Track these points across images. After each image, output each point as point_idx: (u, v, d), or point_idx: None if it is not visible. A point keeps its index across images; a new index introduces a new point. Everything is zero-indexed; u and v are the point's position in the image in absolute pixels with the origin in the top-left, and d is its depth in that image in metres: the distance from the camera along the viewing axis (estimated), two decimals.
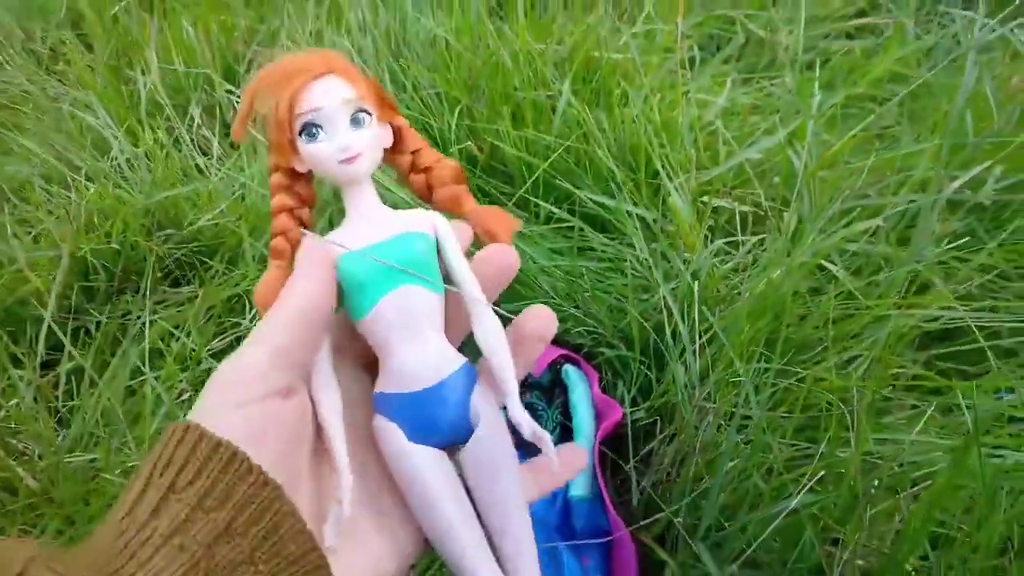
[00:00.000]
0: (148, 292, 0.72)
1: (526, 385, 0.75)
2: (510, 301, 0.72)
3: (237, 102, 0.99)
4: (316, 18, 1.08)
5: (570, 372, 0.73)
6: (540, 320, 0.35)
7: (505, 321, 0.35)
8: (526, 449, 0.36)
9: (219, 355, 0.69)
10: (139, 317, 0.71)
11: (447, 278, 0.36)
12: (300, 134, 0.34)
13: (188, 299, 0.77)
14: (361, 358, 0.38)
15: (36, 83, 1.02)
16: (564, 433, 0.73)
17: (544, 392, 0.75)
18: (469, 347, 0.36)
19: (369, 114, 0.35)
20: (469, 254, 0.36)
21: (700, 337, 0.61)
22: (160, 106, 0.93)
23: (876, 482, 0.49)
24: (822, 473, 0.48)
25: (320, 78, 0.34)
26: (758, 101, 0.96)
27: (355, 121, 0.34)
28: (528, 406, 0.74)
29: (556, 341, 0.77)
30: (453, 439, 0.34)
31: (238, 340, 0.71)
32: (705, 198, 0.78)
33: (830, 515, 0.50)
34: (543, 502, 0.68)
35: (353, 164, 0.34)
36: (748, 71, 1.04)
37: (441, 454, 0.34)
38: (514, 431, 0.36)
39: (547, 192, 0.85)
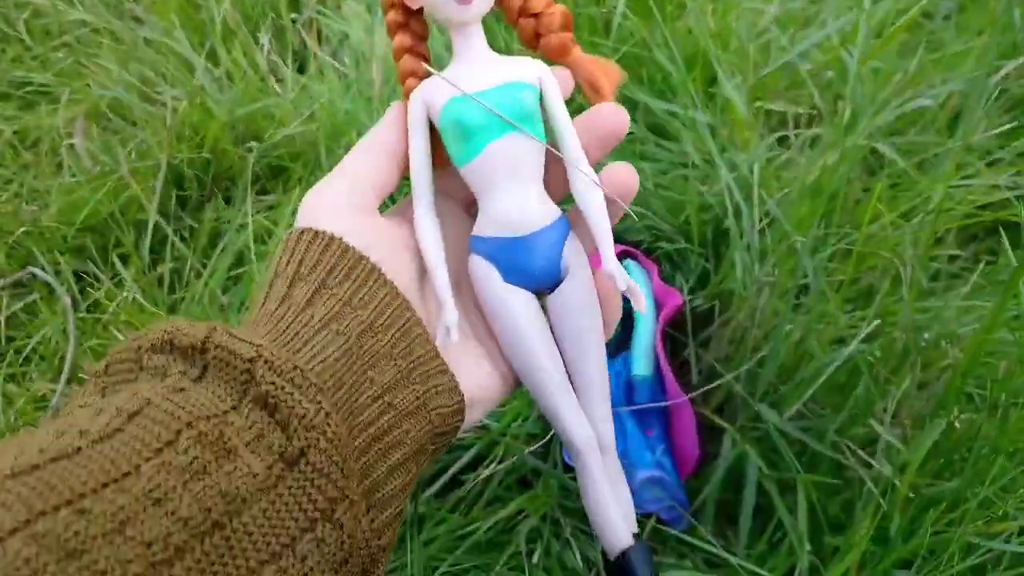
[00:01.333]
0: (248, 190, 0.78)
1: None
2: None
3: (302, 28, 1.04)
4: None
5: (630, 265, 0.78)
6: (611, 116, 0.36)
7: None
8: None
9: None
10: (238, 217, 0.77)
11: (548, 130, 0.37)
12: None
13: (271, 206, 0.83)
14: (463, 201, 0.41)
15: (111, 15, 1.08)
16: (626, 320, 0.78)
17: None
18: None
19: None
20: (574, 109, 0.37)
21: (760, 221, 0.66)
22: (233, 32, 0.99)
23: (926, 335, 0.54)
24: (876, 322, 0.53)
25: None
26: (808, 14, 0.99)
27: None
28: None
29: (616, 238, 0.81)
30: (543, 285, 0.37)
31: None
32: (759, 102, 0.82)
33: (883, 366, 0.54)
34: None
35: (469, 4, 0.34)
36: None
37: (531, 296, 0.37)
38: None
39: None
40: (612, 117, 0.36)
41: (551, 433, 0.65)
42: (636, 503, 0.64)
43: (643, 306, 0.37)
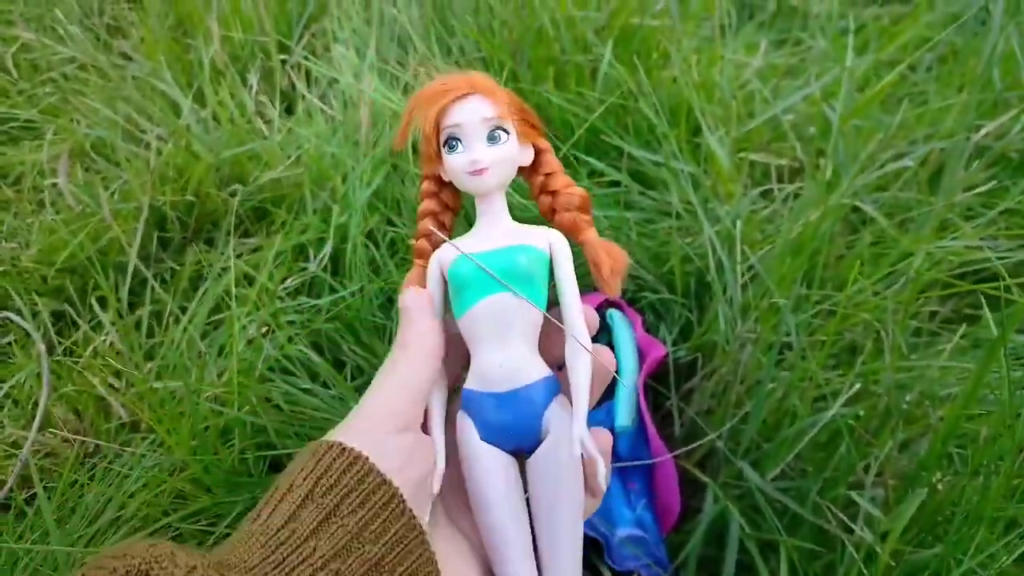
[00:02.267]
0: (231, 233, 0.77)
1: None
2: None
3: (291, 69, 1.04)
4: None
5: (614, 315, 0.78)
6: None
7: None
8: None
9: (292, 294, 0.75)
10: (219, 260, 0.77)
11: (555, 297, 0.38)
12: (444, 145, 0.38)
13: (255, 249, 0.83)
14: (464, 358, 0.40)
15: (98, 52, 1.08)
16: None
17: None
18: None
19: (507, 132, 0.38)
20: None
21: (742, 275, 0.66)
22: (221, 73, 0.99)
23: (907, 397, 0.54)
24: (857, 386, 0.53)
25: (464, 98, 0.38)
26: (791, 65, 1.00)
27: (492, 138, 0.38)
28: None
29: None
30: (522, 445, 0.37)
31: (308, 282, 0.76)
32: (743, 153, 0.82)
33: (865, 428, 0.54)
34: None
35: (480, 177, 0.38)
36: (780, 38, 1.08)
37: (509, 459, 0.37)
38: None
39: (589, 152, 0.89)
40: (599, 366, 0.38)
41: None
42: (615, 560, 0.63)
43: (602, 481, 0.36)
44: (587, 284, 0.40)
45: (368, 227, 0.80)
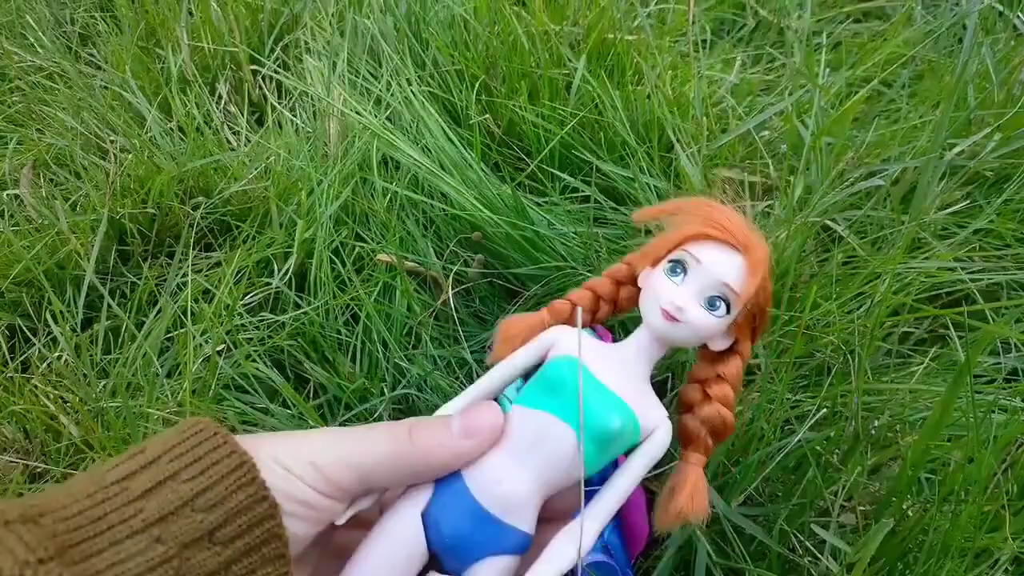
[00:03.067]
0: (191, 247, 0.75)
1: None
2: (530, 262, 0.75)
3: (262, 81, 1.03)
4: (337, 1, 1.12)
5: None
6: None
7: None
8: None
9: (253, 310, 0.73)
10: (176, 276, 0.75)
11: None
12: (669, 262, 0.34)
13: (217, 263, 0.81)
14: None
15: (68, 62, 1.06)
16: None
17: None
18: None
19: (727, 312, 0.33)
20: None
21: None
22: (189, 83, 0.97)
23: (876, 423, 0.52)
24: (824, 410, 0.51)
25: (729, 247, 0.33)
26: (767, 81, 1.00)
27: (712, 303, 0.33)
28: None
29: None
30: (446, 556, 0.32)
31: (270, 296, 0.74)
32: (715, 170, 0.81)
33: (832, 453, 0.53)
34: None
35: (666, 321, 0.33)
36: (757, 53, 1.07)
37: (423, 552, 0.32)
38: None
39: (562, 167, 0.88)
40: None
41: None
42: None
43: None
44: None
45: (335, 241, 0.78)
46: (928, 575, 0.44)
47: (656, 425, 0.33)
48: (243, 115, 0.95)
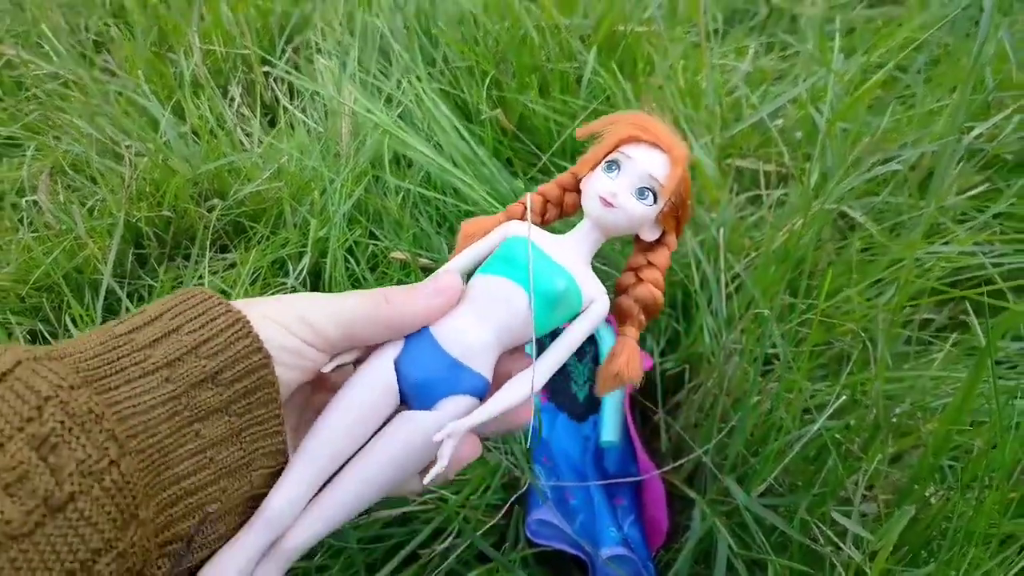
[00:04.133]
0: (207, 249, 0.76)
1: None
2: None
3: (274, 82, 1.03)
4: (347, 1, 1.12)
5: (600, 327, 0.76)
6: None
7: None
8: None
9: None
10: (193, 277, 0.75)
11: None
12: (605, 162, 0.39)
13: (232, 265, 0.81)
14: None
15: (83, 69, 1.07)
16: (594, 383, 0.75)
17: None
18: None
19: (655, 201, 0.38)
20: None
21: (727, 285, 0.64)
22: (202, 86, 0.98)
23: (897, 410, 0.51)
24: (844, 398, 0.51)
25: (657, 146, 0.38)
26: (780, 69, 0.98)
27: (641, 192, 0.38)
28: None
29: None
30: (411, 398, 0.37)
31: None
32: (729, 160, 0.80)
33: (852, 442, 0.52)
34: (577, 448, 0.71)
35: (604, 208, 0.38)
36: (770, 41, 1.06)
37: (394, 390, 0.36)
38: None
39: (573, 160, 0.87)
40: (518, 418, 0.40)
41: (511, 500, 0.62)
42: None
43: (426, 478, 0.36)
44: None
45: (348, 241, 0.78)
46: (952, 562, 0.44)
47: (595, 296, 0.39)
48: (255, 117, 0.95)
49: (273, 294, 0.74)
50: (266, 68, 1.04)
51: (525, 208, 0.41)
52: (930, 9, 1.07)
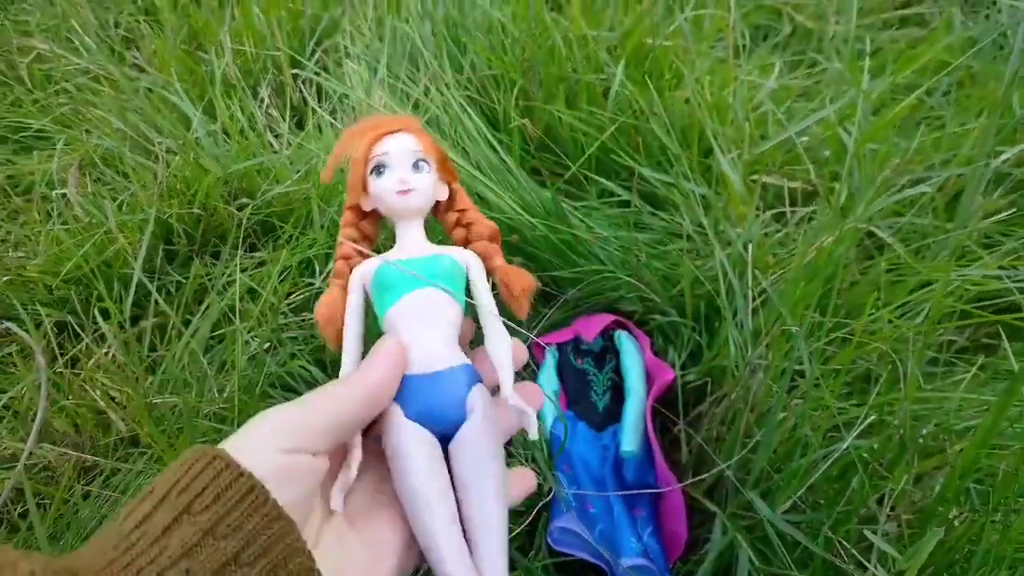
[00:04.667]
0: (239, 247, 0.77)
1: (578, 351, 0.78)
2: (568, 266, 0.76)
3: (303, 84, 1.04)
4: (376, 6, 1.13)
5: (622, 337, 0.76)
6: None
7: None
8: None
9: (296, 310, 0.74)
10: (222, 275, 0.76)
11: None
12: (371, 173, 0.42)
13: (260, 263, 0.82)
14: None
15: (112, 64, 1.08)
16: (616, 394, 0.76)
17: (595, 358, 0.79)
18: None
19: (428, 165, 0.43)
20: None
21: (754, 300, 0.64)
22: (233, 86, 0.99)
23: (924, 431, 0.52)
24: (872, 418, 0.51)
25: (394, 133, 0.42)
26: (806, 87, 0.99)
27: (416, 167, 0.42)
28: (580, 372, 0.78)
29: (609, 308, 0.80)
30: (446, 427, 0.38)
31: (312, 297, 0.75)
32: (755, 176, 0.81)
33: (879, 461, 0.52)
34: (596, 457, 0.72)
35: (407, 196, 0.41)
36: (795, 59, 1.07)
37: (433, 439, 0.38)
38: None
39: (599, 171, 0.88)
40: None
41: (536, 509, 0.63)
42: None
43: (534, 432, 0.40)
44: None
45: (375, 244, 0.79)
46: None
47: (463, 255, 0.43)
48: (284, 118, 0.96)
49: (300, 294, 0.75)
50: (295, 70, 1.05)
51: (355, 252, 0.43)
52: (954, 31, 1.07)
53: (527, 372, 0.78)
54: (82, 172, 0.94)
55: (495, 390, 0.41)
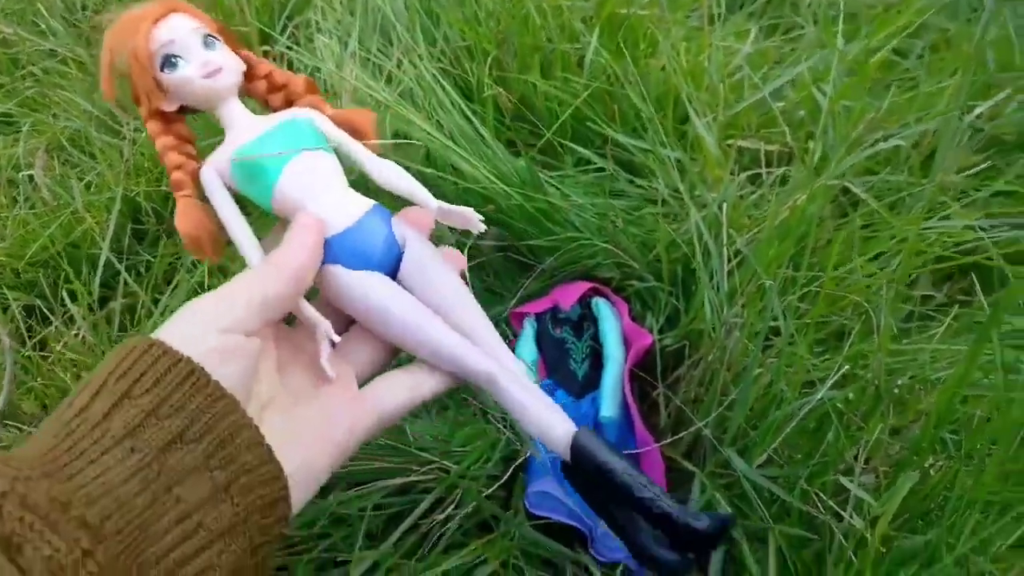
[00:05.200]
0: None
1: (556, 320, 0.78)
2: (544, 235, 0.75)
3: (275, 60, 1.03)
4: None
5: (600, 304, 0.76)
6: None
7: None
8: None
9: None
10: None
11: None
12: (162, 69, 0.39)
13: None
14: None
15: (79, 46, 1.06)
16: (595, 361, 0.75)
17: (573, 326, 0.78)
18: None
19: (217, 39, 0.40)
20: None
21: (729, 261, 0.64)
22: None
23: (899, 382, 0.52)
24: (846, 369, 0.51)
25: (165, 18, 0.39)
26: (783, 53, 0.98)
27: (208, 44, 0.39)
28: (558, 341, 0.77)
29: (586, 276, 0.80)
30: (390, 265, 0.39)
31: None
32: (731, 141, 0.80)
33: (854, 412, 0.52)
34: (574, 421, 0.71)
35: (217, 76, 0.39)
36: (771, 24, 1.06)
37: (383, 276, 0.38)
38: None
39: (575, 139, 0.87)
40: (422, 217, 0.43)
41: (511, 470, 0.62)
42: (600, 552, 0.61)
43: (478, 223, 0.42)
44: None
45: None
46: (954, 528, 0.44)
47: (302, 113, 0.41)
48: None
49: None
50: (265, 47, 1.03)
51: (186, 157, 0.41)
52: None
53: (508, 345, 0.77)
54: (49, 155, 0.92)
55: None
